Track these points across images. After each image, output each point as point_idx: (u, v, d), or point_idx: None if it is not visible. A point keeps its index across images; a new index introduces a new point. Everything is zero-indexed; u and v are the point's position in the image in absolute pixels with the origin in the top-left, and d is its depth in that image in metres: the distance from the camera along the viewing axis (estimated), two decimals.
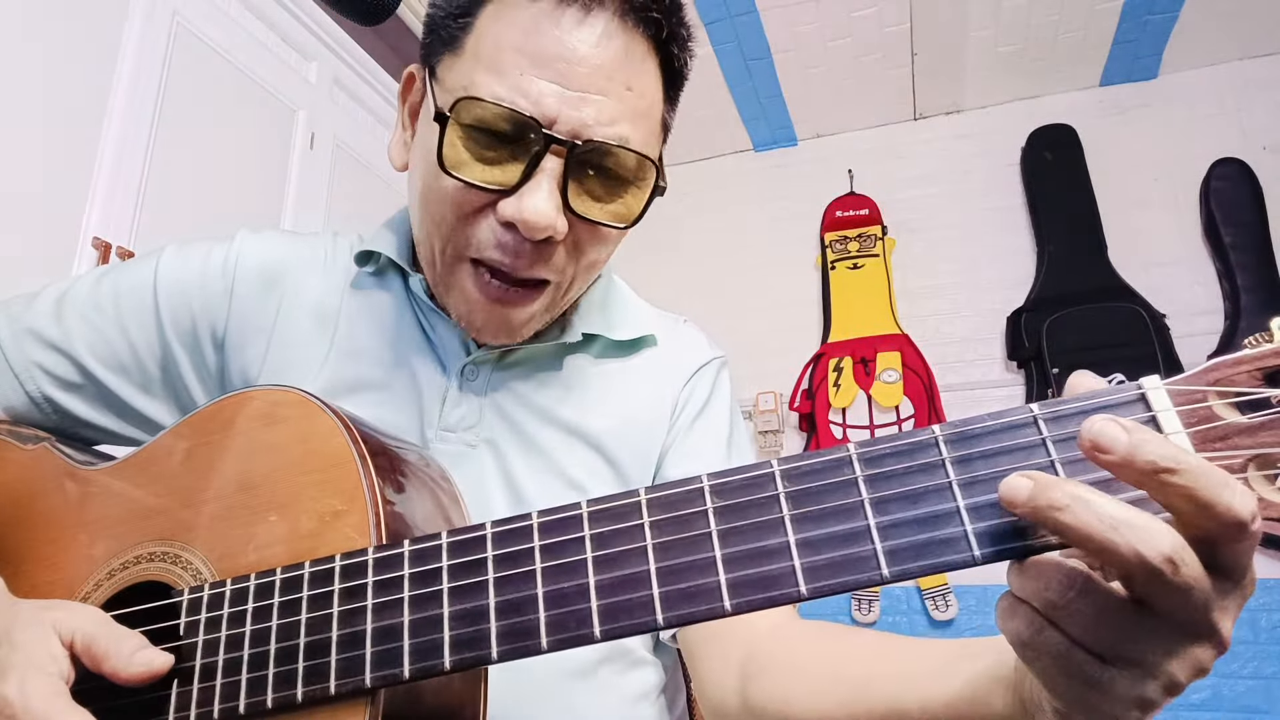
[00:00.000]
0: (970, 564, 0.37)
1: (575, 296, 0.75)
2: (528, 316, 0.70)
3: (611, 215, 0.66)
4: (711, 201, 3.73)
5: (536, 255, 0.65)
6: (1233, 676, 2.62)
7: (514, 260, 0.65)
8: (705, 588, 0.41)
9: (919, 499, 0.38)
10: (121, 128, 1.75)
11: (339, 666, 0.47)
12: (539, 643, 0.43)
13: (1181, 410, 0.36)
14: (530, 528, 0.46)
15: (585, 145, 0.62)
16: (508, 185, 0.63)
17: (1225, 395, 0.35)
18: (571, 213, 0.64)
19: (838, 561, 0.39)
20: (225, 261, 0.77)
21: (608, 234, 0.69)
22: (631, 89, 0.65)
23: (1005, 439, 0.38)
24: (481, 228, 0.65)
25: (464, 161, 0.63)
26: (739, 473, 0.43)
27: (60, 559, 0.61)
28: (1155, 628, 0.34)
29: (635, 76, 0.65)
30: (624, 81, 0.64)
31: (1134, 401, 0.37)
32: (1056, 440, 0.38)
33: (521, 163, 0.62)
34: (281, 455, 0.57)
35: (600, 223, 0.66)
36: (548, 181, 0.62)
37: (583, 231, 0.67)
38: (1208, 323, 2.91)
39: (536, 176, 0.62)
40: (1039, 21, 2.94)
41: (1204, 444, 0.35)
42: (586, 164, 0.64)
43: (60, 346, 0.73)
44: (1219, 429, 0.35)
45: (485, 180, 0.63)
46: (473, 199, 0.64)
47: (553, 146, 0.62)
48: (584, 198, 0.65)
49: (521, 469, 0.73)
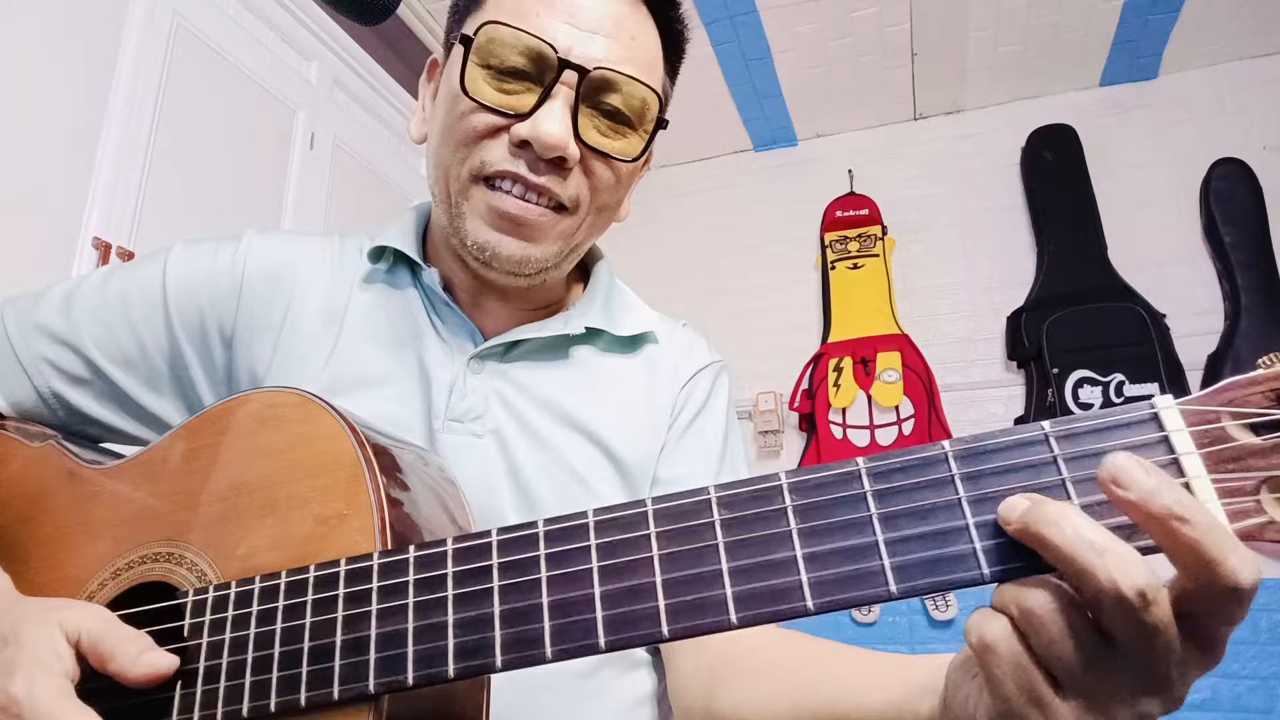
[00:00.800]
0: (979, 582, 0.36)
1: (585, 240, 0.77)
2: (541, 235, 0.72)
3: (618, 149, 0.71)
4: (711, 201, 3.72)
5: (550, 176, 0.69)
6: (1233, 676, 2.62)
7: (529, 174, 0.69)
8: (711, 600, 0.41)
9: (928, 515, 0.38)
10: (121, 128, 1.74)
11: (343, 672, 0.47)
12: (544, 652, 0.43)
13: (1194, 431, 0.36)
14: (536, 535, 0.46)
15: (596, 73, 0.67)
16: (523, 110, 0.67)
17: (1239, 416, 0.35)
18: (581, 143, 0.69)
19: (845, 576, 0.38)
20: (233, 260, 0.77)
21: (616, 169, 0.72)
22: (635, 39, 0.71)
23: (1016, 456, 0.38)
24: (496, 147, 0.69)
25: (483, 89, 0.68)
26: (747, 485, 0.42)
27: (66, 558, 0.61)
28: (1112, 664, 0.34)
29: (639, 32, 0.72)
30: (629, 32, 0.70)
31: (1147, 421, 0.37)
32: (1068, 459, 0.37)
33: (535, 93, 0.67)
34: (286, 457, 0.57)
35: (607, 153, 0.70)
36: (560, 105, 0.67)
37: (592, 163, 0.71)
38: (1208, 323, 2.90)
39: (550, 101, 0.67)
40: (1039, 21, 2.94)
41: (1216, 465, 0.35)
42: (596, 97, 0.69)
43: (68, 342, 0.73)
44: (1232, 450, 0.35)
45: (502, 105, 0.68)
46: (490, 120, 0.68)
47: (565, 75, 0.67)
48: (592, 130, 0.69)
49: (527, 460, 0.74)
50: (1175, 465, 0.36)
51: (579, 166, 0.70)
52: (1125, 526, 0.35)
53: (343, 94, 2.57)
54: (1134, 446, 0.37)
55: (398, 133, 2.83)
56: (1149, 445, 0.37)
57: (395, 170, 2.75)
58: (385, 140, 2.76)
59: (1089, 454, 0.37)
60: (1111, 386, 2.86)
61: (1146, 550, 0.35)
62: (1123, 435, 0.37)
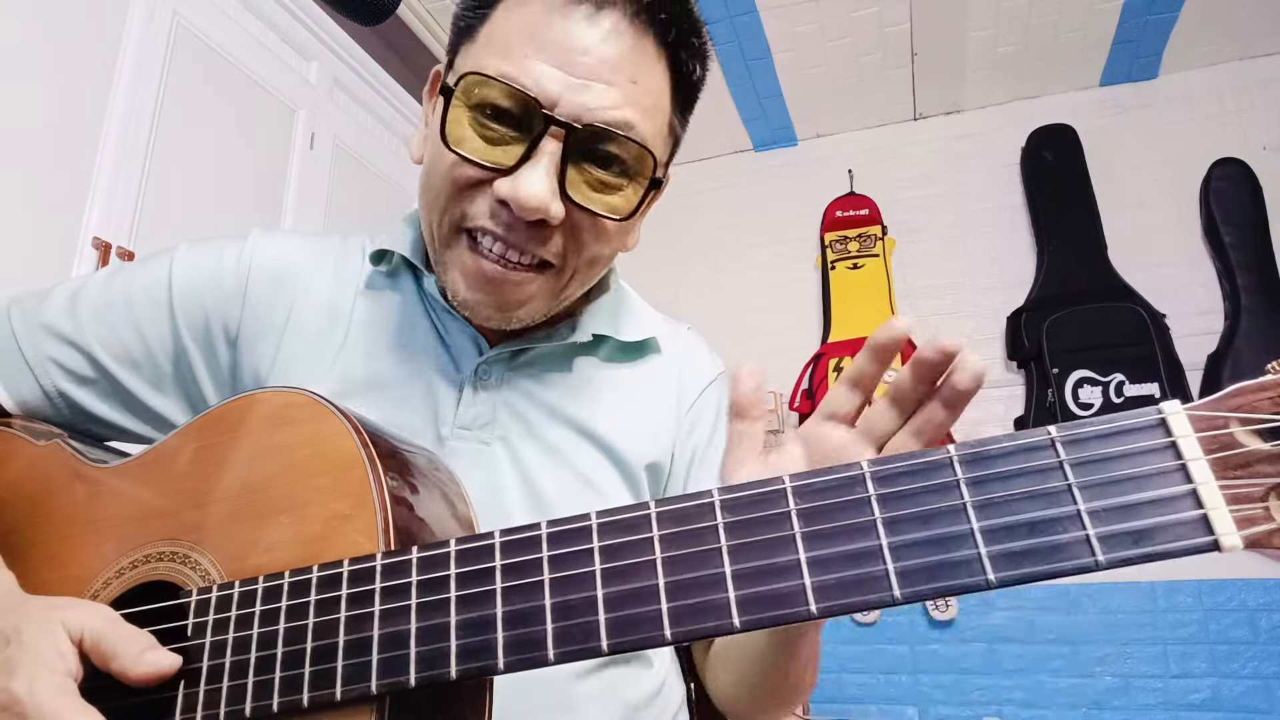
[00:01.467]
0: (984, 588, 0.36)
1: (576, 292, 0.75)
2: (525, 297, 0.70)
3: (607, 207, 0.67)
4: (711, 201, 3.72)
5: (531, 235, 0.66)
6: (1233, 676, 2.62)
7: (509, 235, 0.66)
8: (714, 604, 0.40)
9: (932, 520, 0.38)
10: (121, 128, 1.74)
11: (345, 672, 0.47)
12: (545, 654, 0.43)
13: (1202, 437, 0.36)
14: (539, 538, 0.46)
15: (585, 129, 0.63)
16: (505, 165, 0.63)
17: (1247, 422, 0.35)
18: (568, 200, 0.65)
19: (849, 581, 0.38)
20: (239, 260, 0.77)
21: (605, 226, 0.69)
22: (637, 83, 0.65)
23: (1021, 461, 0.38)
24: (478, 201, 0.66)
25: (466, 138, 0.64)
26: (750, 488, 0.42)
27: (70, 556, 0.62)
28: None
29: (641, 73, 0.66)
30: (629, 75, 0.65)
31: (1154, 427, 0.37)
32: (1074, 464, 0.37)
33: (522, 145, 0.63)
34: (290, 457, 0.57)
35: (595, 212, 0.66)
36: (546, 164, 0.63)
37: (580, 220, 0.67)
38: (1208, 323, 2.91)
39: (535, 158, 0.63)
40: (1039, 21, 2.94)
41: (1224, 472, 0.35)
42: (586, 150, 0.64)
43: (74, 341, 0.73)
44: (1240, 456, 0.35)
45: (484, 158, 0.64)
46: (471, 174, 0.65)
47: (552, 129, 0.62)
48: (581, 186, 0.65)
49: (536, 466, 0.74)
50: (1182, 471, 0.36)
51: (566, 221, 0.66)
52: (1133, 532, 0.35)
53: (343, 94, 2.57)
54: (1140, 452, 0.37)
55: (398, 133, 2.83)
56: (1156, 451, 0.37)
57: (395, 170, 2.75)
58: (385, 140, 2.76)
59: (1095, 459, 0.37)
60: (1111, 386, 2.86)
61: (1153, 556, 0.35)
62: (1129, 440, 0.37)
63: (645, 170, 0.67)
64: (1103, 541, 0.36)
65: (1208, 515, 0.35)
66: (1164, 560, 0.35)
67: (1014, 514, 0.37)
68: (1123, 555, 0.35)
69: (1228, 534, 0.34)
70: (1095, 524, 0.36)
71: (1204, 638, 2.68)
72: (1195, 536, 0.35)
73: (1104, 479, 0.37)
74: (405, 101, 2.84)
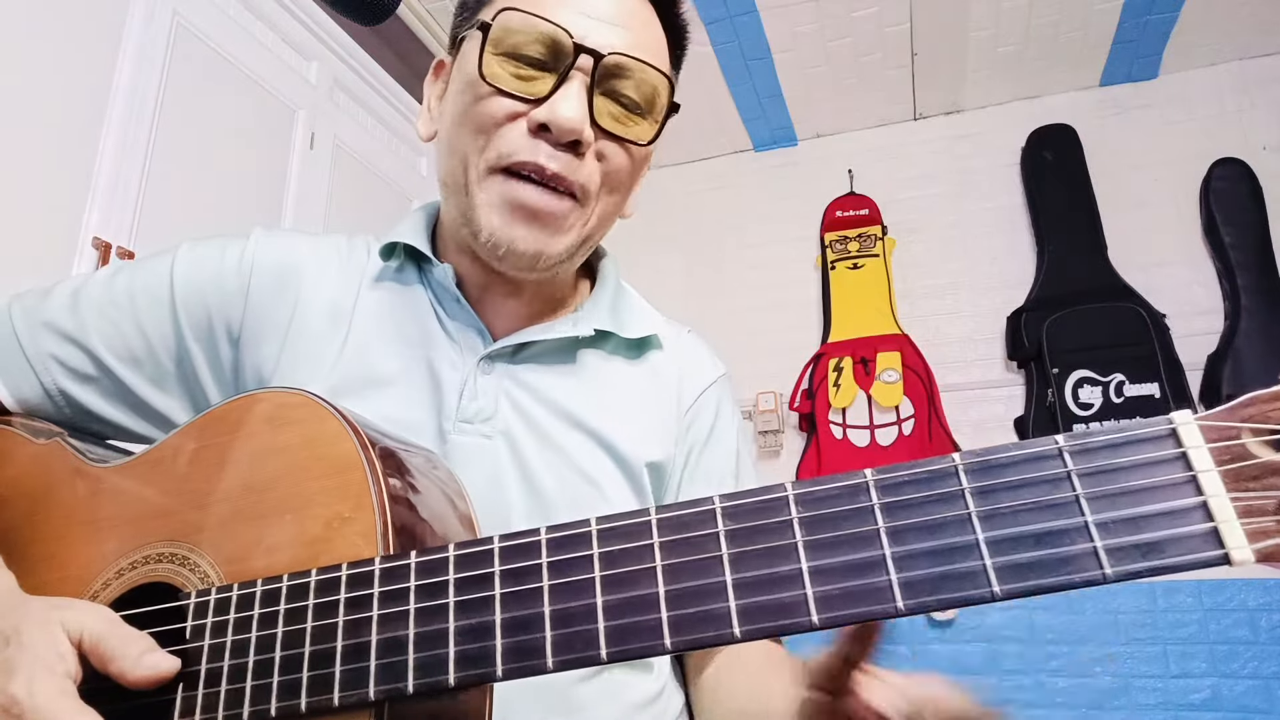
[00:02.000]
0: (989, 600, 0.36)
1: (595, 234, 0.77)
2: (562, 226, 0.72)
3: (632, 134, 0.73)
4: (711, 201, 3.72)
5: (567, 161, 0.70)
6: (1233, 676, 2.62)
7: (547, 161, 0.69)
8: (715, 613, 0.40)
9: (937, 530, 0.38)
10: (121, 128, 1.74)
11: (343, 678, 0.46)
12: (545, 662, 0.43)
13: (1214, 447, 0.35)
14: (538, 544, 0.46)
15: (610, 57, 0.69)
16: (540, 95, 0.69)
17: (1259, 433, 0.34)
18: (596, 127, 0.70)
19: (852, 591, 0.38)
20: (241, 259, 0.77)
21: (631, 154, 0.74)
22: (646, 28, 0.74)
23: (1028, 471, 0.37)
24: (514, 134, 0.70)
25: (499, 74, 0.70)
26: (752, 495, 0.42)
27: (70, 556, 0.61)
28: None
29: (646, 25, 0.74)
30: (639, 23, 0.73)
31: (1164, 437, 0.36)
32: (1082, 474, 0.37)
33: (552, 77, 0.69)
34: (289, 459, 0.56)
35: (622, 137, 0.72)
36: (577, 88, 0.69)
37: (605, 149, 0.72)
38: (1208, 323, 2.91)
39: (566, 86, 0.69)
40: (1039, 21, 2.93)
41: (1236, 483, 0.34)
42: (610, 83, 0.70)
43: (75, 339, 0.73)
44: (1252, 468, 0.34)
45: (519, 90, 0.69)
46: (507, 106, 0.70)
47: (580, 60, 0.68)
48: (606, 116, 0.71)
49: (537, 461, 0.73)
50: (1193, 483, 0.35)
51: (592, 151, 0.71)
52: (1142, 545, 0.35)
53: (343, 94, 2.56)
54: (1150, 463, 0.36)
55: (398, 133, 2.82)
56: (1166, 462, 0.36)
57: (395, 170, 2.75)
58: (385, 140, 2.76)
59: (1104, 470, 0.37)
60: (1111, 386, 2.86)
61: (1162, 570, 0.34)
62: (1139, 451, 0.36)
63: (661, 101, 0.73)
64: (1110, 554, 0.35)
65: (1218, 528, 0.34)
66: (1173, 573, 0.34)
67: (1020, 525, 0.37)
68: (1131, 568, 0.35)
69: (1239, 547, 0.33)
70: (1103, 536, 0.35)
71: (1204, 638, 2.68)
72: (1206, 550, 0.34)
73: (1113, 490, 0.36)
74: (405, 101, 2.83)
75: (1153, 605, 2.75)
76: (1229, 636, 2.66)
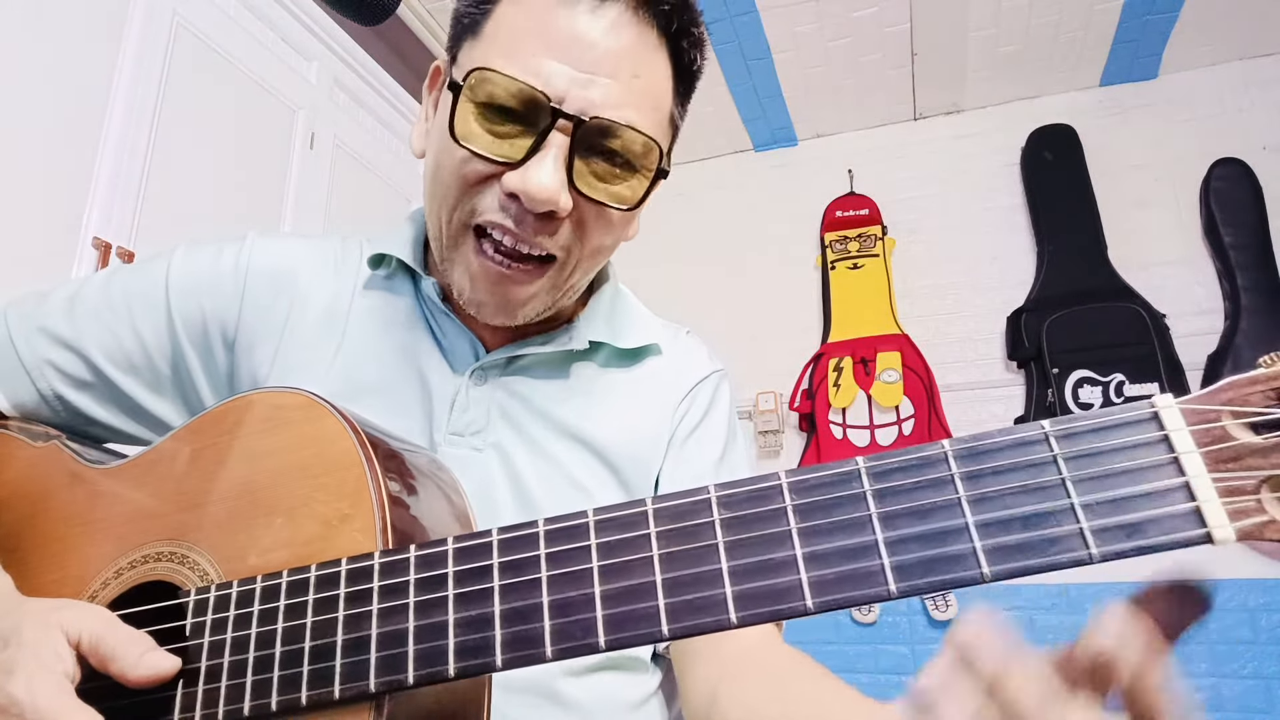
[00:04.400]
0: (979, 581, 0.36)
1: (579, 283, 0.75)
2: (529, 295, 0.71)
3: (614, 197, 0.68)
4: (711, 201, 3.72)
5: (540, 228, 0.67)
6: (1233, 676, 2.62)
7: (517, 228, 0.66)
8: (711, 600, 0.41)
9: (928, 515, 0.38)
10: (121, 128, 1.74)
11: (344, 671, 0.47)
12: (543, 651, 0.43)
13: (1195, 430, 0.36)
14: (536, 535, 0.46)
15: (592, 122, 0.64)
16: (514, 159, 0.64)
17: (1239, 415, 0.35)
18: (576, 191, 0.66)
19: (845, 576, 0.38)
20: (237, 263, 0.77)
21: (611, 217, 0.70)
22: (639, 77, 0.67)
23: (1015, 456, 0.38)
24: (486, 196, 0.67)
25: (474, 133, 0.65)
26: (746, 484, 0.42)
27: (68, 557, 0.62)
28: None
29: (644, 66, 0.67)
30: (632, 69, 0.66)
31: (1147, 421, 0.37)
32: (1067, 458, 0.37)
33: (529, 138, 0.64)
34: (288, 457, 0.57)
35: (603, 203, 0.67)
36: (554, 156, 0.64)
37: (587, 211, 0.68)
38: (1208, 323, 2.91)
39: (543, 151, 0.64)
40: (1039, 21, 2.94)
41: (1217, 465, 0.35)
42: (592, 143, 0.65)
43: (72, 344, 0.73)
44: (1232, 449, 0.35)
45: (493, 152, 0.65)
46: (479, 169, 0.66)
47: (559, 122, 0.63)
48: (588, 177, 0.66)
49: (529, 473, 0.73)
50: (1175, 464, 0.36)
51: (573, 213, 0.67)
52: (1126, 525, 0.35)
53: (343, 94, 2.57)
54: (1134, 445, 0.37)
55: (398, 133, 2.83)
56: (1149, 445, 0.37)
57: (395, 170, 2.76)
58: (385, 140, 2.76)
59: (1089, 453, 0.37)
60: (1111, 386, 2.86)
61: (1146, 550, 0.35)
62: (1122, 435, 0.37)
63: (651, 161, 0.68)
64: (1096, 535, 0.36)
65: (1200, 508, 0.35)
66: (1157, 553, 0.35)
67: (1008, 508, 0.37)
68: (1116, 548, 0.35)
69: (1220, 526, 0.34)
70: (1089, 518, 0.36)
71: (1204, 638, 2.68)
72: (1188, 529, 0.35)
73: (1097, 473, 0.37)
74: (405, 101, 2.84)
75: None
76: (1229, 636, 2.66)
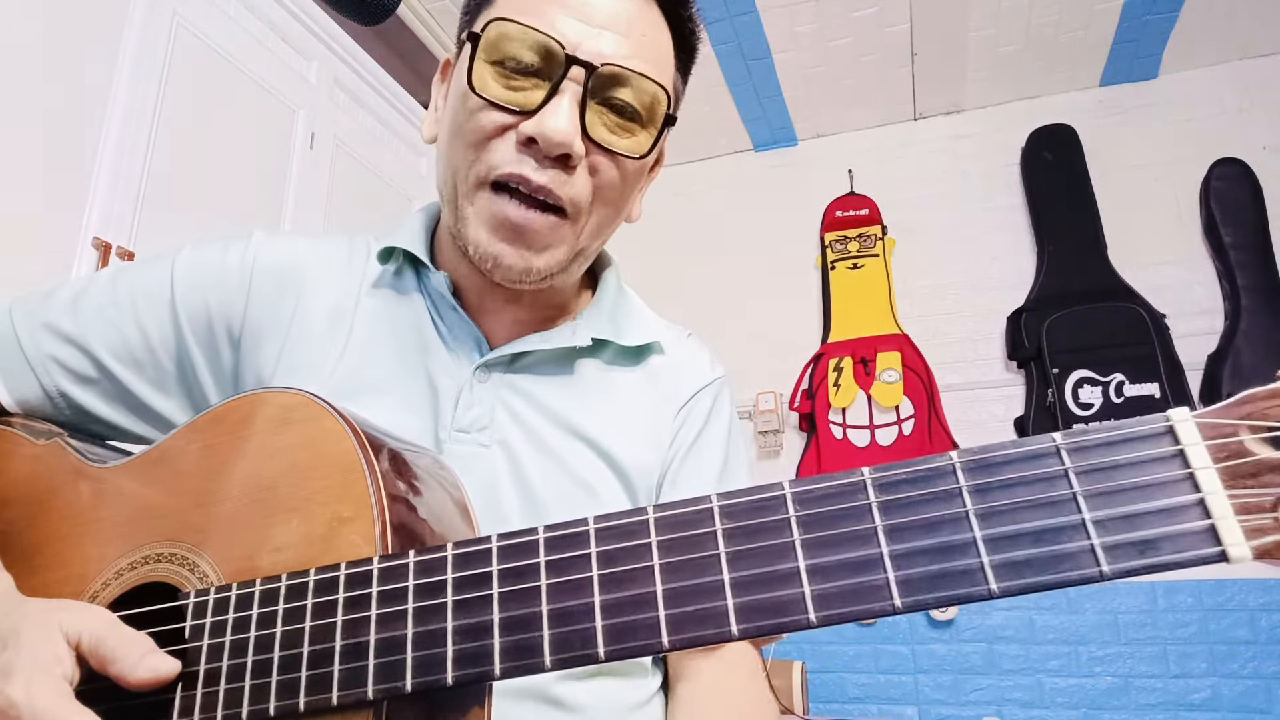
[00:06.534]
0: (986, 598, 0.36)
1: (589, 247, 0.76)
2: (544, 244, 0.71)
3: (626, 146, 0.70)
4: (711, 201, 3.72)
5: (555, 176, 0.68)
6: (1233, 676, 2.62)
7: (534, 174, 0.67)
8: (713, 612, 0.40)
9: (934, 528, 0.38)
10: (121, 128, 1.74)
11: (342, 677, 0.47)
12: (542, 661, 0.43)
13: (1211, 444, 0.35)
14: (536, 543, 0.46)
15: (604, 69, 0.67)
16: (529, 107, 0.67)
17: (1257, 430, 0.34)
18: (588, 139, 0.68)
19: (849, 590, 0.38)
20: (242, 260, 0.77)
21: (625, 167, 0.72)
22: (646, 36, 0.70)
23: (1025, 469, 0.37)
24: (503, 148, 0.68)
25: (490, 85, 0.68)
26: (750, 494, 0.42)
27: (69, 557, 0.61)
28: None
29: (650, 30, 0.71)
30: (640, 29, 0.70)
31: (1162, 435, 0.36)
32: (1079, 472, 0.37)
33: (543, 88, 0.67)
34: (289, 459, 0.56)
35: (615, 150, 0.69)
36: (568, 102, 0.66)
37: (599, 162, 0.70)
38: (1208, 323, 2.91)
39: (557, 97, 0.66)
40: (1039, 21, 2.93)
41: (1233, 481, 0.34)
42: (605, 93, 0.68)
43: (76, 341, 0.73)
44: (1249, 465, 0.34)
45: (508, 101, 0.67)
46: (497, 119, 0.68)
47: (572, 70, 0.66)
48: (599, 128, 0.69)
49: (534, 470, 0.73)
50: (1190, 480, 0.35)
51: (585, 164, 0.69)
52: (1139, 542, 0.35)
53: (343, 94, 2.56)
54: (1147, 460, 0.36)
55: (398, 133, 2.82)
56: (1163, 459, 0.36)
57: (395, 170, 2.75)
58: (385, 140, 2.75)
59: (1101, 468, 0.37)
60: (1111, 386, 2.86)
61: (1159, 567, 0.34)
62: (1136, 448, 0.36)
63: (659, 112, 0.71)
64: (1108, 552, 0.35)
65: (1215, 525, 0.34)
66: (1170, 571, 0.34)
67: (1017, 523, 0.37)
68: (1128, 566, 0.35)
69: (1236, 544, 0.33)
70: (1100, 534, 0.35)
71: (1204, 638, 2.68)
72: (1202, 547, 0.34)
73: (1109, 487, 0.36)
74: (405, 101, 2.83)
75: (1153, 605, 2.75)
76: (1229, 636, 2.66)
